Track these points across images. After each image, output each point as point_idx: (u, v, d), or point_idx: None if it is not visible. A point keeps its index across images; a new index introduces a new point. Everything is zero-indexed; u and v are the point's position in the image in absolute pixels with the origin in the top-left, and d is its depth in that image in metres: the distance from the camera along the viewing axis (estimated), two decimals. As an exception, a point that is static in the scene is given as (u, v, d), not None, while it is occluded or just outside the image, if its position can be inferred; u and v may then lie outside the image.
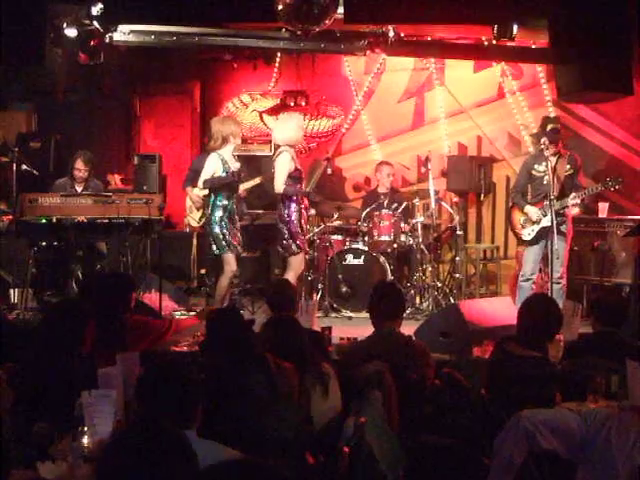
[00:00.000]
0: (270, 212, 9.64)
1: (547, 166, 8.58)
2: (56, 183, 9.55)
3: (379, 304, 5.86)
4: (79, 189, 9.45)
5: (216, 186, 8.44)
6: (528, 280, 8.83)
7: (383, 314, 5.80)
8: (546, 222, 8.59)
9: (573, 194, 8.38)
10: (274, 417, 4.13)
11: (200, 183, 8.54)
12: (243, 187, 9.22)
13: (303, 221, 8.63)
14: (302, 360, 4.78)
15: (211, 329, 5.04)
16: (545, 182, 8.68)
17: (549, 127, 8.78)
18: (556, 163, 8.64)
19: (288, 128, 8.67)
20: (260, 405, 4.14)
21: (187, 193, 9.93)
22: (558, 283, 8.40)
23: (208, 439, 3.36)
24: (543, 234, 8.69)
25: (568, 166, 8.57)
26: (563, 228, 8.54)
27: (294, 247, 8.53)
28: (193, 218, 10.03)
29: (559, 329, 5.54)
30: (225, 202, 8.44)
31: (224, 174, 8.44)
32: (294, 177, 8.54)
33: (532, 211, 8.71)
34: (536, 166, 8.81)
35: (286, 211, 8.53)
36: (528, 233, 8.80)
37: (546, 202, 8.56)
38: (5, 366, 4.77)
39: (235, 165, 8.58)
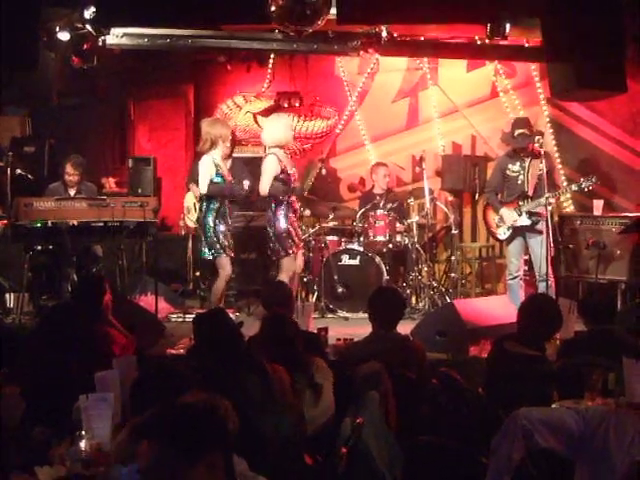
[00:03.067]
0: (264, 214, 9.62)
1: (521, 166, 8.66)
2: (49, 188, 9.53)
3: (378, 311, 5.87)
4: (72, 193, 9.44)
5: (223, 195, 8.38)
6: (515, 278, 8.90)
7: (382, 320, 5.80)
8: (521, 222, 8.67)
9: (547, 194, 8.38)
10: (271, 417, 4.13)
11: (204, 187, 8.38)
12: None
13: (291, 224, 8.54)
14: (293, 357, 4.80)
15: (199, 332, 5.04)
16: (519, 182, 8.77)
17: (516, 133, 8.81)
18: (529, 163, 8.70)
19: (276, 128, 8.60)
20: (256, 405, 4.14)
21: (191, 191, 9.94)
22: (544, 281, 8.44)
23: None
24: (519, 233, 8.76)
25: (541, 165, 8.58)
26: (539, 227, 8.60)
27: (281, 250, 8.44)
28: (190, 219, 10.03)
29: (559, 329, 5.56)
30: (217, 205, 8.39)
31: (217, 178, 8.36)
32: (281, 180, 8.47)
33: (506, 214, 8.76)
34: (510, 166, 8.86)
35: (272, 214, 8.47)
36: (503, 232, 8.88)
37: (521, 202, 8.65)
38: (1, 371, 4.77)
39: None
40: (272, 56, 11.62)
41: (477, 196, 10.74)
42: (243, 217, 9.96)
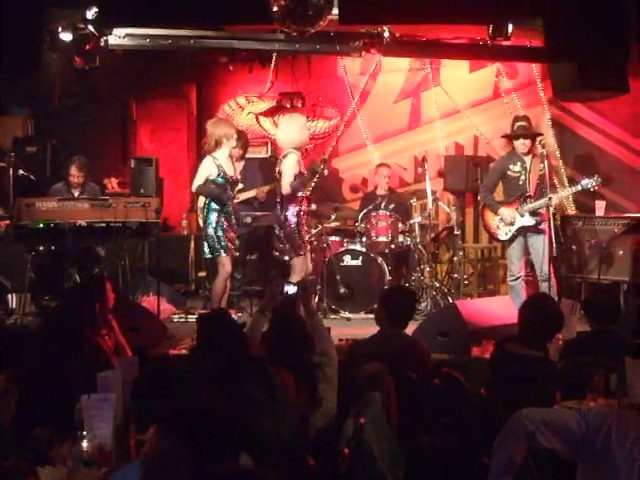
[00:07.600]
0: (268, 214, 9.62)
1: (522, 166, 8.65)
2: (53, 188, 9.54)
3: (391, 309, 5.78)
4: (75, 193, 9.46)
5: (207, 195, 8.42)
6: (517, 279, 8.86)
7: (394, 319, 5.73)
8: (524, 222, 8.64)
9: (550, 195, 8.39)
10: (272, 418, 4.13)
11: (193, 187, 8.51)
12: (239, 198, 9.10)
13: (301, 224, 8.54)
14: (297, 358, 4.80)
15: (201, 332, 5.04)
16: (521, 182, 8.76)
17: (516, 126, 8.85)
18: (531, 163, 8.70)
19: (290, 129, 8.59)
20: (258, 406, 4.14)
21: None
22: (546, 281, 8.43)
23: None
24: (520, 233, 8.74)
25: (542, 165, 8.59)
26: (542, 227, 8.61)
27: (292, 251, 8.43)
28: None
29: (560, 328, 5.55)
30: (220, 205, 8.40)
31: (219, 179, 8.39)
32: (299, 178, 8.46)
33: (506, 213, 8.73)
34: (511, 166, 8.85)
35: (283, 214, 8.46)
36: (505, 233, 8.84)
37: (522, 202, 8.64)
38: (5, 371, 4.77)
39: (230, 172, 8.52)
40: (274, 56, 11.61)
41: (479, 196, 10.72)
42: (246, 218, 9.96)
